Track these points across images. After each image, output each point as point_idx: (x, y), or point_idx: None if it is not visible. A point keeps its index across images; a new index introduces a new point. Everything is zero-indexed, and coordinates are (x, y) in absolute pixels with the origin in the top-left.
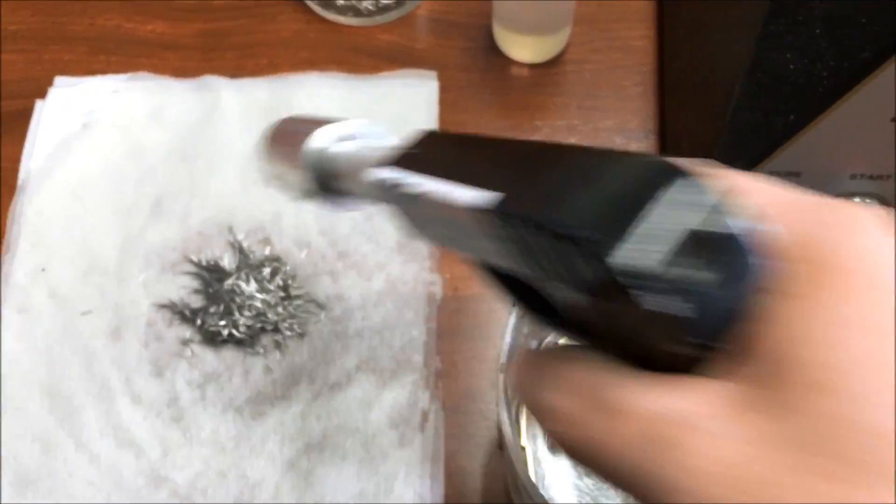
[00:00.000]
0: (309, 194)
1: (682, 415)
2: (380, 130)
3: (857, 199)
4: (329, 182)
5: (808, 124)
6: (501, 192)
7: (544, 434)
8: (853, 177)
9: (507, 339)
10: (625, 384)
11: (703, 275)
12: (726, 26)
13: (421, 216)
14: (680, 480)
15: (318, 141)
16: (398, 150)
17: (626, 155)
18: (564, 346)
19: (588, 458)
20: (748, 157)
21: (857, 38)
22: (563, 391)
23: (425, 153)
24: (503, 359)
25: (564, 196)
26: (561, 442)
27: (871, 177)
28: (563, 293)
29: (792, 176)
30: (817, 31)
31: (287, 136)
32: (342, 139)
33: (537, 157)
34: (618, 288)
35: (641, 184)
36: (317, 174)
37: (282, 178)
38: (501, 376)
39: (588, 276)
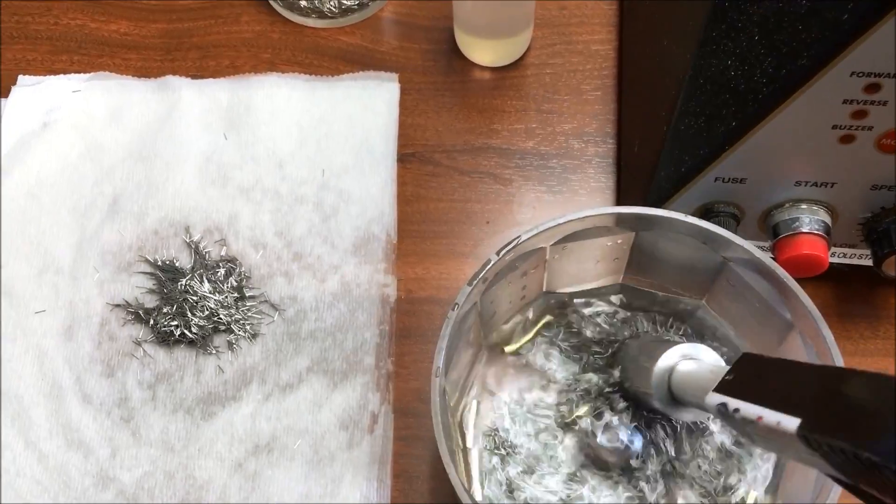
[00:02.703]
0: (660, 403)
1: None
2: (709, 351)
3: (803, 206)
4: (673, 394)
5: (750, 130)
6: (807, 417)
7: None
8: (798, 183)
9: (443, 343)
10: None
11: None
12: (674, 32)
13: (754, 431)
14: None
15: (667, 360)
16: (727, 376)
17: None
18: None
19: None
20: (693, 163)
21: (794, 45)
22: None
23: (747, 379)
24: (438, 363)
25: (862, 424)
26: None
27: (815, 184)
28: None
29: (738, 182)
30: (755, 37)
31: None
32: (685, 357)
33: (836, 383)
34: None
35: None
36: (664, 387)
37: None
38: (436, 380)
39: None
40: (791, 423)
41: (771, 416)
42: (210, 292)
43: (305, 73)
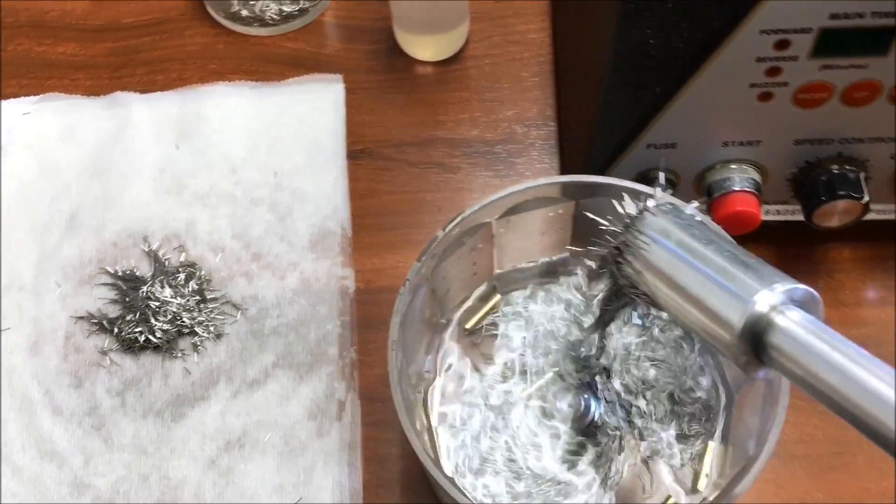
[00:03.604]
0: (729, 352)
1: None
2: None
3: (733, 166)
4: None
5: (674, 96)
6: None
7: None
8: (725, 144)
9: (397, 318)
10: None
11: None
12: (598, 12)
13: None
14: None
15: (768, 302)
16: None
17: None
18: None
19: None
20: (625, 133)
21: (704, 9)
22: None
23: None
24: (393, 336)
25: None
26: None
27: (742, 143)
28: None
29: (668, 148)
30: (670, 4)
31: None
32: (793, 301)
33: None
34: None
35: None
36: (749, 337)
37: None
38: (392, 353)
39: None
40: None
41: None
42: (172, 297)
43: (252, 81)
